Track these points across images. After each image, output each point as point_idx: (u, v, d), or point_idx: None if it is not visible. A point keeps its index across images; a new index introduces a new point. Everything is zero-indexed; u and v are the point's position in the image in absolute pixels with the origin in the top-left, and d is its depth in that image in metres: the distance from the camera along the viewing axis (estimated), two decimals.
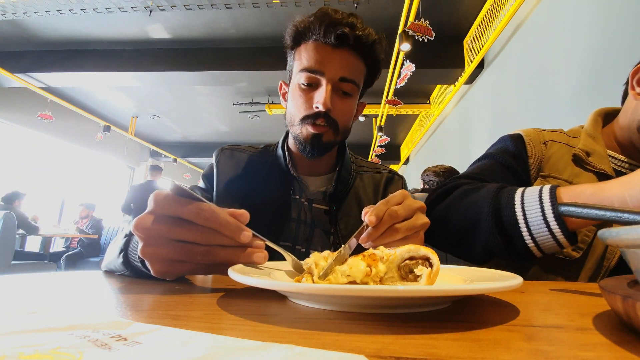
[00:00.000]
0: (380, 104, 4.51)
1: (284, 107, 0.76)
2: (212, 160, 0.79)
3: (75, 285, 0.40)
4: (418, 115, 5.82)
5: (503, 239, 0.51)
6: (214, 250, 0.37)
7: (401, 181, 0.83)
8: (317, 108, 0.65)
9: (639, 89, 0.65)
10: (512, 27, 2.83)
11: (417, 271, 0.31)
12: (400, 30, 2.80)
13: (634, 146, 0.67)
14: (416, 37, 2.57)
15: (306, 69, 0.66)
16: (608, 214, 0.31)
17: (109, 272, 0.49)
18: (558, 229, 0.47)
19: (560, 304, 0.33)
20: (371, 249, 0.34)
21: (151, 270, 0.38)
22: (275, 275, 0.38)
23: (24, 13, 3.53)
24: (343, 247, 0.39)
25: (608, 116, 0.76)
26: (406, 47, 2.80)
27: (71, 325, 0.19)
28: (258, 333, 0.22)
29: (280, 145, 0.78)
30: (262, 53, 3.96)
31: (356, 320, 0.25)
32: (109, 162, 7.24)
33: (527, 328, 0.24)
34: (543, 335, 0.22)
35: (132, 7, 3.39)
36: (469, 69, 3.47)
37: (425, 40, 2.57)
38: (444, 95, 4.60)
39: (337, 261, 0.35)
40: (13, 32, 3.96)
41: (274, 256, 0.43)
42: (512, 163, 0.69)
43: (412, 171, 6.85)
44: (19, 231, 3.44)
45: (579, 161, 0.67)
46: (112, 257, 0.47)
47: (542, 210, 0.48)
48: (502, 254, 0.53)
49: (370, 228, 0.44)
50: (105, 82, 4.53)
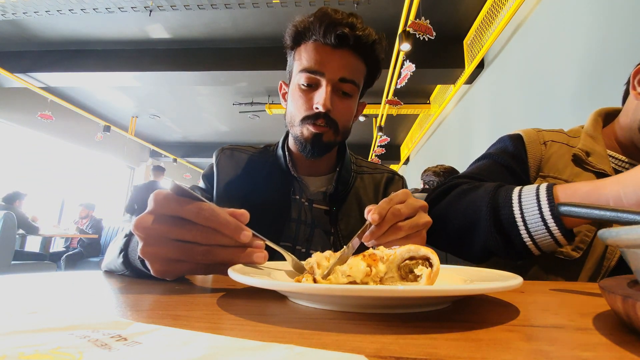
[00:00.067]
0: (380, 104, 4.51)
1: (284, 107, 0.76)
2: (212, 160, 0.79)
3: (75, 285, 0.40)
4: (418, 115, 5.82)
5: (501, 237, 0.52)
6: (214, 250, 0.37)
7: (401, 181, 0.83)
8: (317, 109, 0.65)
9: None
10: (512, 27, 2.83)
11: (417, 271, 0.31)
12: (400, 30, 2.80)
13: (635, 146, 0.67)
14: (417, 36, 2.56)
15: (306, 70, 0.66)
16: (608, 214, 0.31)
17: (109, 272, 0.49)
18: (555, 227, 0.47)
19: (560, 304, 0.33)
20: (371, 249, 0.34)
21: (151, 270, 0.38)
22: (275, 275, 0.38)
23: (24, 13, 3.53)
24: (347, 247, 0.39)
25: (608, 116, 0.76)
26: (406, 47, 2.80)
27: (71, 325, 0.19)
28: (258, 333, 0.22)
29: (280, 145, 0.78)
30: (262, 53, 3.96)
31: (356, 320, 0.25)
32: (109, 162, 7.24)
33: (527, 328, 0.24)
34: (543, 335, 0.22)
35: (132, 7, 3.39)
36: (469, 69, 3.47)
37: (426, 39, 2.57)
38: (444, 95, 4.60)
39: (340, 261, 0.35)
40: (13, 32, 3.96)
41: (274, 256, 0.43)
42: (511, 163, 0.69)
43: (412, 171, 6.85)
44: (19, 231, 3.44)
45: (578, 161, 0.67)
46: (112, 257, 0.47)
47: (540, 209, 0.49)
48: (501, 252, 0.53)
49: (373, 226, 0.44)
50: (105, 82, 4.53)
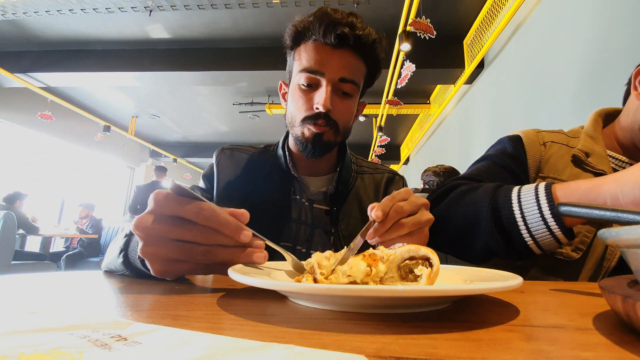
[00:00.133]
0: (380, 104, 4.50)
1: (284, 107, 0.76)
2: (213, 160, 0.79)
3: (75, 285, 0.40)
4: (418, 115, 5.82)
5: (502, 237, 0.52)
6: (214, 250, 0.37)
7: (402, 181, 0.83)
8: (317, 109, 0.65)
9: None
10: (512, 27, 2.83)
11: (417, 271, 0.31)
12: (400, 30, 2.80)
13: (636, 147, 0.67)
14: (418, 34, 2.56)
15: (306, 70, 0.66)
16: (608, 214, 0.31)
17: (109, 272, 0.49)
18: (556, 226, 0.48)
19: (560, 304, 0.33)
20: (371, 249, 0.34)
21: (151, 270, 0.38)
22: (275, 275, 0.38)
23: (24, 13, 3.52)
24: (350, 245, 0.39)
25: (609, 117, 0.76)
26: (406, 47, 2.80)
27: (71, 325, 0.19)
28: (258, 333, 0.22)
29: (280, 145, 0.78)
30: (262, 53, 3.95)
31: (356, 320, 0.25)
32: (109, 162, 7.24)
33: (527, 328, 0.24)
34: (543, 335, 0.22)
35: (132, 7, 3.39)
36: (469, 69, 3.46)
37: (427, 37, 2.56)
38: (444, 95, 4.60)
39: (344, 259, 0.35)
40: (13, 32, 3.96)
41: (274, 256, 0.43)
42: (511, 165, 0.69)
43: (412, 171, 6.85)
44: (19, 231, 3.44)
45: (578, 162, 0.67)
46: (112, 257, 0.47)
47: (539, 208, 0.49)
48: (502, 252, 0.53)
49: (376, 223, 0.44)
50: (105, 82, 4.53)
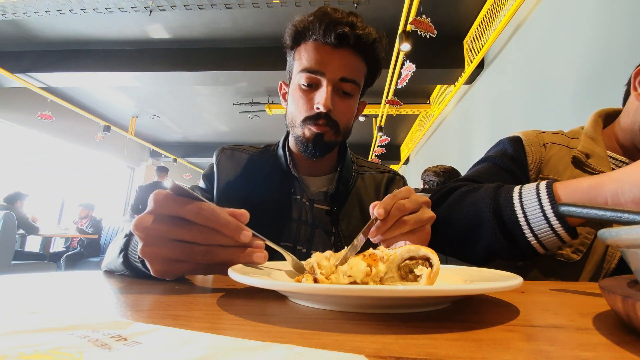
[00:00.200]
0: (380, 104, 4.50)
1: (284, 107, 0.76)
2: (213, 160, 0.79)
3: (75, 285, 0.40)
4: (418, 115, 5.82)
5: (505, 238, 0.52)
6: (214, 250, 0.37)
7: (402, 181, 0.83)
8: (317, 109, 0.65)
9: None
10: (512, 27, 2.83)
11: (417, 271, 0.31)
12: (400, 30, 2.80)
13: (636, 147, 0.67)
14: (419, 33, 2.56)
15: (306, 70, 0.66)
16: (608, 214, 0.31)
17: (109, 272, 0.49)
18: (559, 225, 0.47)
19: (560, 304, 0.33)
20: (371, 249, 0.34)
21: (151, 270, 0.38)
22: (275, 275, 0.38)
23: (24, 13, 3.52)
24: (353, 243, 0.39)
25: (609, 117, 0.75)
26: (406, 47, 2.80)
27: (71, 325, 0.19)
28: (258, 333, 0.22)
29: (280, 145, 0.78)
30: (262, 53, 3.95)
31: (356, 320, 0.25)
32: (109, 162, 7.23)
33: (527, 328, 0.24)
34: (543, 335, 0.22)
35: (132, 7, 3.38)
36: (469, 69, 3.46)
37: (428, 36, 2.56)
38: (444, 95, 4.60)
39: (345, 259, 0.35)
40: (13, 32, 3.96)
41: (274, 256, 0.43)
42: (511, 166, 0.69)
43: (412, 171, 6.85)
44: (19, 231, 3.44)
45: (578, 163, 0.67)
46: (112, 257, 0.47)
47: (541, 207, 0.49)
48: (506, 253, 0.53)
49: (378, 221, 0.44)
50: (105, 82, 4.53)
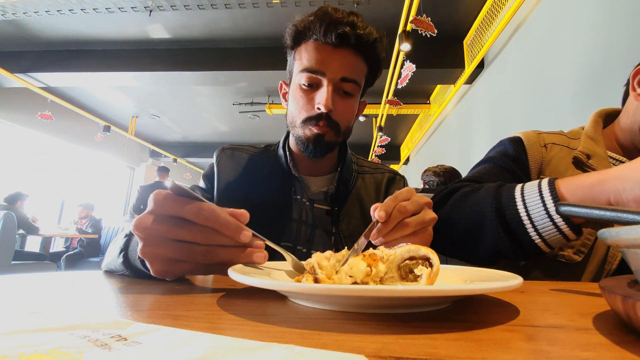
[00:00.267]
0: (380, 104, 4.50)
1: (284, 107, 0.76)
2: (213, 160, 0.79)
3: (75, 285, 0.40)
4: (418, 115, 5.82)
5: (509, 237, 0.51)
6: (214, 250, 0.37)
7: (402, 181, 0.83)
8: (318, 109, 0.65)
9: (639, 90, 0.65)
10: (512, 27, 2.83)
11: (417, 271, 0.31)
12: (400, 30, 2.80)
13: (636, 147, 0.67)
14: (419, 32, 2.55)
15: (307, 69, 0.66)
16: (608, 214, 0.31)
17: (109, 272, 0.49)
18: (562, 222, 0.47)
19: (560, 304, 0.33)
20: (371, 249, 0.34)
21: (151, 271, 0.38)
22: (275, 275, 0.38)
23: (24, 13, 3.52)
24: (356, 244, 0.39)
25: (609, 117, 0.76)
26: (406, 47, 2.80)
27: (71, 325, 0.19)
28: (258, 333, 0.22)
29: (281, 145, 0.78)
30: (262, 53, 3.95)
31: (356, 320, 0.25)
32: (109, 162, 7.23)
33: (527, 328, 0.24)
34: (543, 335, 0.22)
35: (132, 7, 3.38)
36: (469, 69, 3.46)
37: (428, 35, 2.56)
38: (444, 95, 4.60)
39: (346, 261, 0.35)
40: (13, 32, 3.96)
41: (274, 256, 0.43)
42: (513, 166, 0.68)
43: (412, 171, 6.84)
44: (19, 231, 3.44)
45: (579, 164, 0.67)
46: (112, 257, 0.47)
47: (544, 205, 0.48)
48: (510, 253, 0.52)
49: (380, 224, 0.44)
50: (105, 82, 4.53)
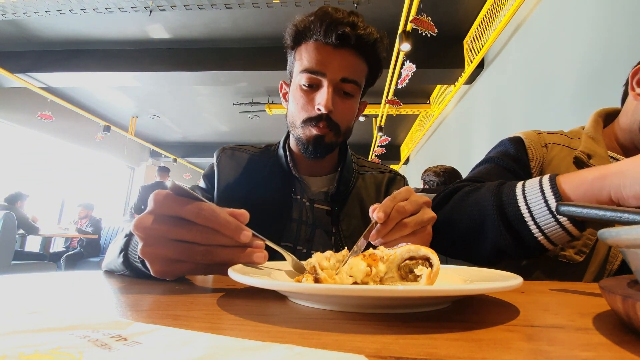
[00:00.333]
0: (380, 104, 4.50)
1: (284, 107, 0.76)
2: (213, 160, 0.79)
3: (75, 285, 0.40)
4: (418, 115, 5.82)
5: (511, 235, 0.51)
6: (214, 250, 0.37)
7: (403, 181, 0.83)
8: (318, 110, 0.65)
9: (639, 90, 0.65)
10: (512, 27, 2.83)
11: (417, 271, 0.31)
12: (400, 30, 2.80)
13: (636, 147, 0.67)
14: (419, 32, 2.55)
15: (307, 70, 0.65)
16: (608, 214, 0.31)
17: (109, 272, 0.49)
18: (565, 218, 0.46)
19: (560, 304, 0.33)
20: (371, 249, 0.34)
21: (151, 271, 0.38)
22: (275, 275, 0.38)
23: (24, 13, 3.52)
24: (355, 245, 0.39)
25: (609, 117, 0.76)
26: (406, 47, 2.80)
27: (71, 325, 0.19)
28: (258, 333, 0.22)
29: (281, 145, 0.78)
30: (262, 53, 3.95)
31: (356, 320, 0.25)
32: (109, 162, 7.23)
33: (527, 328, 0.24)
34: (543, 335, 0.22)
35: (132, 7, 3.38)
36: (469, 69, 3.46)
37: (428, 35, 2.55)
38: (444, 95, 4.60)
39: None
40: (13, 32, 3.96)
41: (274, 256, 0.43)
42: (514, 166, 0.68)
43: (412, 171, 6.84)
44: (19, 231, 3.44)
45: (580, 164, 0.67)
46: (112, 257, 0.47)
47: (546, 201, 0.48)
48: (513, 252, 0.52)
49: (379, 225, 0.44)
50: (105, 82, 4.53)
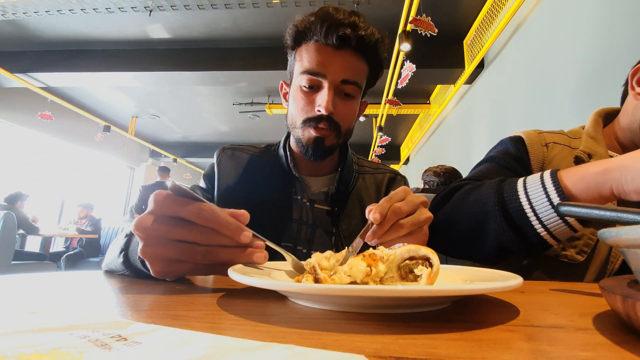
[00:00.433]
0: (380, 104, 4.50)
1: (285, 107, 0.76)
2: (213, 160, 0.79)
3: (75, 285, 0.40)
4: (418, 115, 5.82)
5: (514, 232, 0.50)
6: (214, 250, 0.37)
7: (403, 181, 0.83)
8: (319, 111, 0.65)
9: (638, 89, 0.65)
10: (512, 27, 2.83)
11: (417, 271, 0.31)
12: (400, 30, 2.80)
13: (636, 146, 0.67)
14: (419, 32, 2.55)
15: (307, 71, 0.65)
16: (608, 214, 0.31)
17: (109, 272, 0.49)
18: None
19: (560, 304, 0.33)
20: (371, 249, 0.34)
21: (151, 271, 0.38)
22: (275, 275, 0.38)
23: (24, 13, 3.52)
24: (351, 246, 0.39)
25: (609, 116, 0.76)
26: (406, 47, 2.80)
27: (71, 325, 0.19)
28: (258, 333, 0.22)
29: (281, 145, 0.78)
30: (262, 53, 3.95)
31: (356, 320, 0.25)
32: (109, 162, 7.23)
33: (527, 328, 0.24)
34: (543, 335, 0.22)
35: (132, 7, 3.38)
36: (469, 69, 3.46)
37: (428, 35, 2.55)
38: (444, 95, 4.60)
39: (343, 263, 0.35)
40: (13, 32, 3.96)
41: (274, 256, 0.43)
42: (515, 165, 0.68)
43: (412, 171, 6.84)
44: (19, 231, 3.44)
45: (580, 163, 0.67)
46: (112, 257, 0.47)
47: (548, 196, 0.47)
48: (516, 248, 0.51)
49: (375, 226, 0.44)
50: (105, 82, 4.53)
